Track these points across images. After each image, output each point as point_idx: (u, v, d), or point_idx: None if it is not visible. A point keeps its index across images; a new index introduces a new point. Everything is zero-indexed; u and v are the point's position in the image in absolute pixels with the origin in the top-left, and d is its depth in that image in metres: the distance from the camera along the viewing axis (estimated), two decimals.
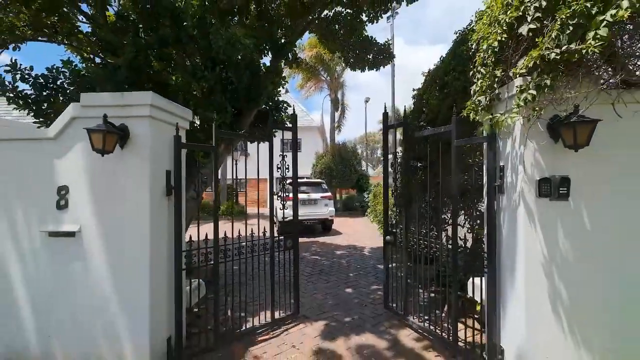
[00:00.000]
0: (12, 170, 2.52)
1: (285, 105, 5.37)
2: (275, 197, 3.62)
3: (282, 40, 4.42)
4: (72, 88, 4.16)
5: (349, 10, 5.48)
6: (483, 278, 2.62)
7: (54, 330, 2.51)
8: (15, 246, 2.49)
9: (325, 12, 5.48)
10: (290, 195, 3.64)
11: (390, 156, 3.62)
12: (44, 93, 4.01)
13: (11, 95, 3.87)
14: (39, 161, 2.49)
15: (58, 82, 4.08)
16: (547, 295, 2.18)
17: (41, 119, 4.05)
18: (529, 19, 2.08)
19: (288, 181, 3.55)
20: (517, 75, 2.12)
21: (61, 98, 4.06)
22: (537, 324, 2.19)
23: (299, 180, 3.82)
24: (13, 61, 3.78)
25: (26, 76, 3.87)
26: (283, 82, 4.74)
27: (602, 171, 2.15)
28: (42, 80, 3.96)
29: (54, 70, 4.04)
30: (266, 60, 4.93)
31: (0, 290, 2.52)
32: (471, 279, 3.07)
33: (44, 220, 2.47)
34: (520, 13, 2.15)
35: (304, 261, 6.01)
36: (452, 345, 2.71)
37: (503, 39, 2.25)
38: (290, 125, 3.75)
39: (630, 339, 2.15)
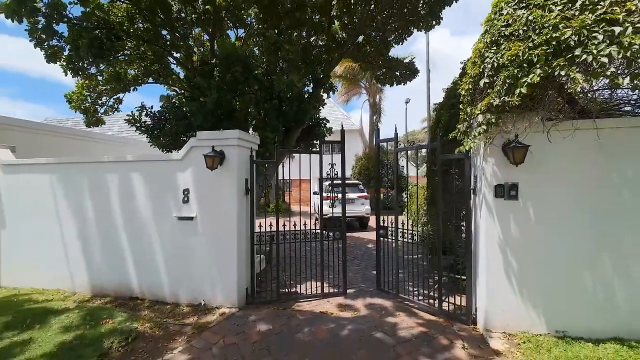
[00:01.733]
0: (158, 179, 4.13)
1: (324, 121, 6.64)
2: (319, 196, 4.84)
3: (321, 75, 5.66)
4: (171, 117, 5.86)
5: (379, 33, 6.48)
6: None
7: (178, 276, 4.06)
8: (161, 225, 4.10)
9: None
10: (332, 195, 4.78)
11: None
12: (157, 123, 5.76)
13: (137, 125, 5.67)
14: (172, 173, 4.06)
15: (166, 115, 5.81)
16: (503, 268, 3.10)
17: (153, 139, 5.80)
18: (485, 75, 3.04)
19: (327, 183, 4.74)
20: (477, 114, 3.08)
21: (167, 126, 5.78)
22: (495, 289, 3.13)
23: (337, 181, 4.63)
24: (142, 104, 5.55)
25: (148, 112, 5.64)
26: (322, 105, 5.99)
27: (541, 179, 3.02)
28: (157, 115, 5.71)
29: (163, 107, 5.78)
30: (308, 87, 6.23)
31: (151, 250, 4.15)
32: None
33: (176, 210, 4.03)
34: (480, 70, 3.11)
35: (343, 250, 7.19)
36: (438, 309, 3.67)
37: (470, 87, 3.22)
38: (330, 136, 4.94)
39: (559, 296, 2.98)
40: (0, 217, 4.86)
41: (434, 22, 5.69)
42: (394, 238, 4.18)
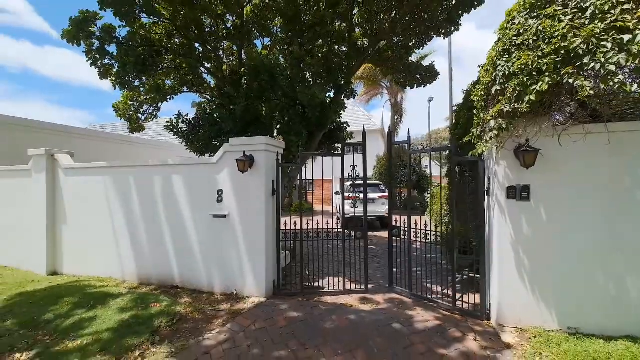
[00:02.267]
0: (196, 180, 4.62)
1: (345, 125, 6.93)
2: (341, 196, 5.14)
3: (342, 82, 5.96)
4: (204, 123, 6.39)
5: (399, 39, 6.66)
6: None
7: (213, 268, 4.52)
8: (198, 221, 4.59)
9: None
10: (353, 195, 5.04)
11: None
12: (192, 129, 6.32)
13: (175, 131, 6.24)
14: (208, 175, 4.53)
15: (199, 121, 6.36)
16: (514, 266, 3.25)
17: (188, 144, 6.36)
18: (497, 82, 3.21)
19: (348, 183, 5.03)
20: (489, 120, 3.25)
21: (200, 131, 6.32)
22: (507, 286, 3.28)
23: (358, 182, 4.74)
24: (179, 112, 6.13)
25: (184, 119, 6.22)
26: (343, 110, 6.29)
27: (553, 180, 3.14)
28: (191, 122, 6.28)
29: (197, 114, 6.33)
30: (330, 92, 6.54)
31: (190, 244, 4.65)
32: None
33: (211, 208, 4.50)
34: (493, 77, 3.27)
35: (363, 248, 7.45)
36: (452, 305, 3.85)
37: (483, 93, 3.39)
38: (352, 138, 5.23)
39: (571, 294, 3.09)
40: (62, 214, 5.60)
41: (452, 28, 5.81)
42: (408, 238, 4.38)
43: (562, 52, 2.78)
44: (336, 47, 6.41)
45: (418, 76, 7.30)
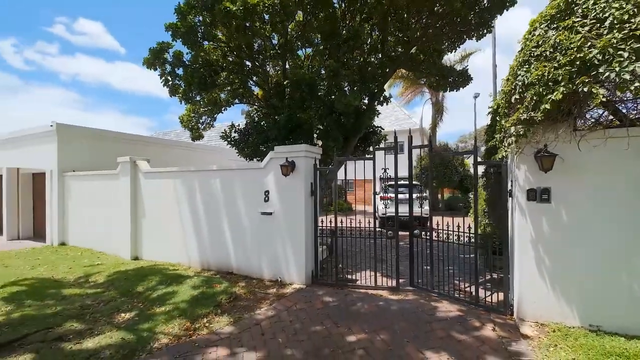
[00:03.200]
0: (247, 182, 5.43)
1: (379, 129, 7.32)
2: (378, 197, 5.58)
3: (375, 90, 6.37)
4: (252, 132, 7.24)
5: (432, 44, 6.85)
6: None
7: (262, 258, 5.28)
8: (249, 218, 5.39)
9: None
10: (389, 195, 5.45)
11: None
12: (242, 137, 7.21)
13: (228, 139, 7.18)
14: (257, 178, 5.30)
15: (248, 130, 7.24)
16: (535, 264, 3.44)
17: (239, 150, 7.26)
18: (516, 91, 3.43)
19: (388, 183, 5.45)
20: (508, 127, 3.48)
21: (249, 139, 7.18)
22: (528, 282, 3.48)
23: (397, 182, 4.98)
24: (232, 123, 7.06)
25: (236, 129, 7.14)
26: (377, 116, 6.70)
27: (573, 183, 3.27)
28: (242, 131, 7.18)
29: (247, 124, 7.21)
30: (365, 100, 6.98)
31: (243, 237, 5.47)
32: None
33: (259, 207, 5.26)
34: (513, 87, 3.49)
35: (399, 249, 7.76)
36: (475, 300, 4.08)
37: (504, 101, 3.62)
38: (383, 143, 5.64)
39: (593, 292, 3.19)
40: (142, 210, 6.85)
41: (484, 31, 5.89)
42: (431, 238, 4.66)
43: (578, 62, 2.96)
44: (371, 57, 6.83)
45: (451, 80, 7.39)
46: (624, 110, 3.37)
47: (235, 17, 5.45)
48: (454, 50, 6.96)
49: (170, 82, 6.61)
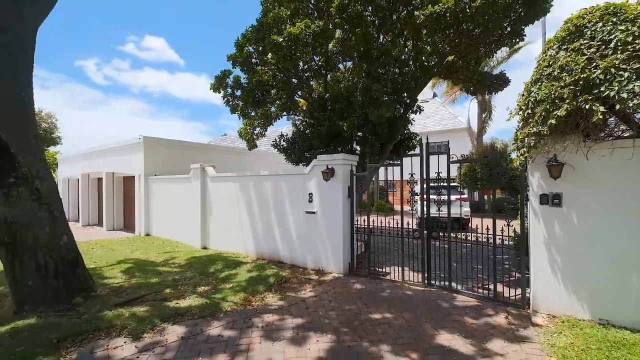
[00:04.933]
0: (294, 186, 6.41)
1: (414, 135, 7.80)
2: (416, 198, 6.15)
3: (407, 101, 6.90)
4: (298, 140, 8.21)
5: (466, 52, 7.13)
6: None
7: (306, 250, 6.20)
8: (296, 216, 6.36)
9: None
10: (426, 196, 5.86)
11: None
12: (290, 145, 8.25)
13: (278, 147, 8.26)
14: (303, 182, 6.25)
15: (295, 139, 8.25)
16: (547, 262, 3.80)
17: (287, 157, 8.30)
18: (528, 107, 3.82)
19: (421, 186, 5.96)
20: (522, 138, 3.88)
21: (296, 147, 8.18)
22: (540, 279, 3.84)
23: (437, 184, 5.37)
24: (281, 133, 8.14)
25: (285, 138, 8.20)
26: (410, 124, 7.20)
27: (583, 188, 3.58)
28: (289, 140, 8.22)
29: (294, 134, 8.24)
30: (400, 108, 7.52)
31: (290, 232, 6.47)
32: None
33: (304, 207, 6.20)
34: (526, 102, 3.89)
35: (434, 247, 8.14)
36: (493, 294, 4.47)
37: (519, 114, 4.01)
38: (416, 151, 6.19)
39: (602, 288, 3.47)
40: (209, 208, 8.26)
41: (517, 40, 6.08)
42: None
43: (581, 82, 3.32)
44: (405, 68, 7.36)
45: (488, 83, 7.56)
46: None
47: (281, 47, 6.46)
48: (491, 57, 7.15)
49: (231, 102, 7.90)
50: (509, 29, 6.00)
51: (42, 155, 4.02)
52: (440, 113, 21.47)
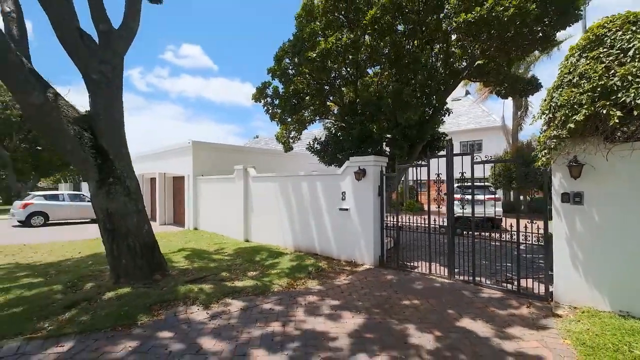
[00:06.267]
0: (328, 185, 7.04)
1: (443, 136, 8.09)
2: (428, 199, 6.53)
3: (436, 104, 7.23)
4: (331, 142, 8.82)
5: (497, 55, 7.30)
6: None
7: (339, 244, 6.80)
8: (330, 213, 6.99)
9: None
10: (457, 196, 6.25)
11: None
12: (323, 148, 8.89)
13: (312, 150, 8.94)
14: (336, 182, 6.86)
15: (327, 142, 8.88)
16: (569, 257, 4.05)
17: (320, 158, 8.95)
18: (550, 111, 4.10)
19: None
20: (544, 140, 4.16)
21: (329, 149, 8.80)
22: (562, 273, 4.10)
23: (468, 183, 5.62)
24: (315, 137, 8.81)
25: (318, 141, 8.86)
26: (439, 126, 7.51)
27: (605, 188, 3.80)
28: (322, 142, 8.86)
29: (326, 137, 8.87)
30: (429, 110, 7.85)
31: (325, 227, 7.10)
32: None
33: (338, 204, 6.80)
34: (548, 107, 4.16)
35: (462, 245, 8.36)
36: (517, 291, 4.73)
37: (542, 118, 4.29)
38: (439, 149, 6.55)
39: (622, 282, 3.67)
40: (250, 205, 9.15)
41: (549, 45, 6.19)
42: (470, 235, 5.40)
43: (599, 89, 3.58)
44: (434, 72, 7.68)
45: (520, 86, 7.65)
46: None
47: (315, 61, 7.09)
48: (523, 60, 7.26)
49: (270, 110, 8.71)
50: (540, 34, 6.15)
51: (129, 159, 5.00)
52: (474, 111, 21.00)
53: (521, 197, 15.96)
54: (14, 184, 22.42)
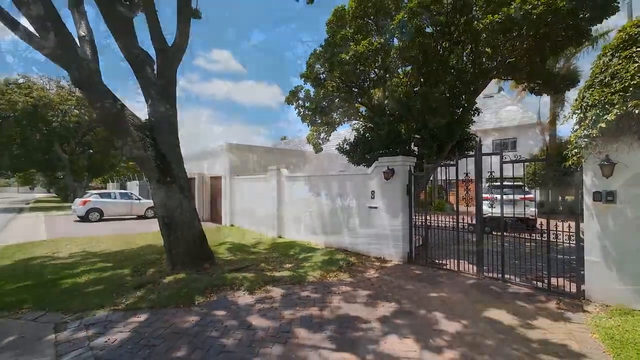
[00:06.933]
0: (358, 184, 7.38)
1: (472, 135, 8.10)
2: (456, 197, 6.66)
3: (465, 105, 7.29)
4: (359, 143, 9.11)
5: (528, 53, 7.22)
6: None
7: (368, 240, 7.11)
8: (360, 210, 7.33)
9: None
10: (488, 195, 6.33)
11: None
12: (352, 148, 9.21)
13: (341, 150, 9.29)
14: (366, 181, 7.18)
15: (356, 142, 9.19)
16: (601, 255, 4.09)
17: (350, 158, 9.28)
18: (581, 110, 4.15)
19: (475, 185, 6.44)
20: (575, 140, 4.21)
21: (358, 149, 9.11)
22: (594, 271, 4.14)
23: (501, 182, 5.54)
24: (344, 138, 9.16)
25: (347, 142, 9.20)
26: (468, 126, 7.54)
27: (635, 186, 3.81)
28: (352, 143, 9.19)
29: (355, 138, 9.19)
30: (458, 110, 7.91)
31: (354, 224, 7.45)
32: None
33: (367, 202, 7.12)
34: (579, 107, 4.21)
35: (493, 244, 8.31)
36: (547, 288, 4.77)
37: (573, 117, 4.34)
38: (472, 152, 6.65)
39: None
40: (283, 203, 9.70)
41: (583, 40, 6.08)
42: (498, 234, 5.46)
43: (631, 88, 3.62)
44: (462, 73, 7.73)
45: (554, 81, 7.49)
46: None
47: (347, 63, 7.44)
48: (561, 54, 7.12)
49: (302, 113, 9.20)
50: (572, 30, 6.05)
51: (182, 161, 5.68)
52: (509, 107, 20.24)
53: (559, 198, 15.23)
54: (70, 183, 24.98)
